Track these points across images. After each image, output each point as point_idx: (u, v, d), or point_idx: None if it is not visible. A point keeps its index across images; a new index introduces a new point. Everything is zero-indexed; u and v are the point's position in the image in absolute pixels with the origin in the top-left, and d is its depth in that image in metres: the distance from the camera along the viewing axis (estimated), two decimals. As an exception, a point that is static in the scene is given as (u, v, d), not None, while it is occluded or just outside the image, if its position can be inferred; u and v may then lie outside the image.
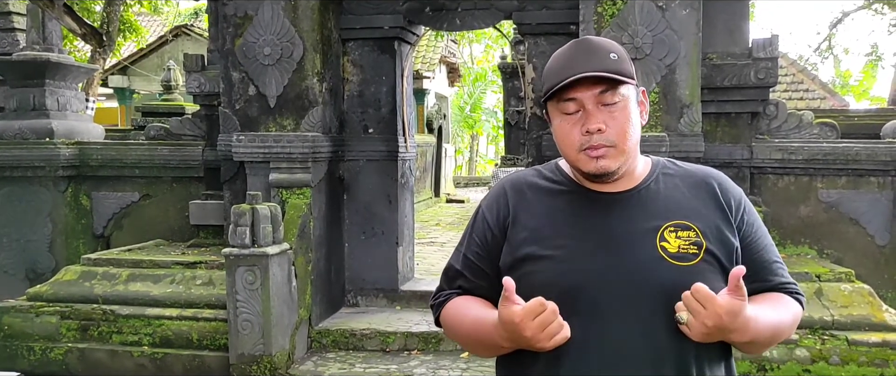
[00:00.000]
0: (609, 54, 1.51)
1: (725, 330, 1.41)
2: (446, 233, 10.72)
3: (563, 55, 1.56)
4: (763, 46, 5.21)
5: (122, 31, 15.84)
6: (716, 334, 1.41)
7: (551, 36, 5.33)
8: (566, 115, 1.54)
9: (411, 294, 5.91)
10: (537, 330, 1.39)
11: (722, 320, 1.38)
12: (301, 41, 5.17)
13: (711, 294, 1.37)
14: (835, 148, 5.36)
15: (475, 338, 1.60)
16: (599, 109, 1.51)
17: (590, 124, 1.50)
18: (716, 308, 1.37)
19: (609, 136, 1.50)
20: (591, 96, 1.50)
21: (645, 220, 1.54)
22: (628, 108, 1.53)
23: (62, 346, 5.11)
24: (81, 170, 6.46)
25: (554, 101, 1.55)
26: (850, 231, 5.44)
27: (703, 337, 1.42)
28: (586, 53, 1.52)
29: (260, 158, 5.25)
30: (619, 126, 1.51)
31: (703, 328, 1.39)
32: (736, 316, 1.39)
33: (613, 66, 1.50)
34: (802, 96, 14.68)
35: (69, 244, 6.49)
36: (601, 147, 1.50)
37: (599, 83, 1.50)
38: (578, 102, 1.51)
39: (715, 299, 1.37)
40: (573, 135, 1.53)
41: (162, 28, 22.27)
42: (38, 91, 6.72)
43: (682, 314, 1.41)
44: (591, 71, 1.48)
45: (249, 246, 4.63)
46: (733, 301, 1.37)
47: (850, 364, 4.34)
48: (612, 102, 1.51)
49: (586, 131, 1.51)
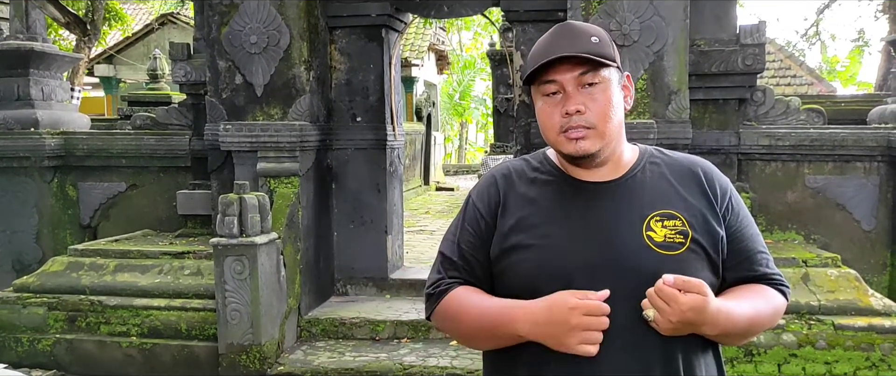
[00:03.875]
0: (590, 37, 1.51)
1: (693, 324, 1.42)
2: (436, 221, 10.72)
3: (544, 39, 1.57)
4: (750, 32, 5.21)
5: (108, 19, 15.71)
6: (684, 329, 1.43)
7: (539, 23, 5.31)
8: (547, 97, 1.54)
9: (401, 282, 5.91)
10: (581, 325, 1.40)
11: (686, 316, 1.39)
12: (288, 29, 5.13)
13: (675, 293, 1.38)
14: (822, 134, 5.39)
15: (481, 326, 1.56)
16: (579, 91, 1.51)
17: (569, 105, 1.50)
18: (679, 305, 1.38)
19: (589, 118, 1.50)
20: (571, 78, 1.51)
21: (631, 210, 1.54)
22: (609, 91, 1.53)
23: (50, 337, 5.09)
24: (67, 161, 6.41)
25: (536, 84, 1.56)
26: (837, 216, 5.48)
27: (671, 332, 1.43)
28: (567, 36, 1.52)
29: (247, 147, 5.22)
30: (599, 108, 1.51)
31: (668, 324, 1.41)
32: (701, 312, 1.40)
33: (594, 48, 1.50)
34: (790, 82, 14.74)
35: (56, 235, 6.45)
36: (580, 128, 1.50)
37: (579, 65, 1.50)
38: (558, 84, 1.52)
39: (678, 296, 1.38)
40: (554, 117, 1.53)
41: (148, 16, 22.10)
42: (23, 81, 6.65)
43: (647, 311, 1.42)
44: (571, 52, 1.49)
45: (238, 235, 4.61)
46: (696, 297, 1.39)
47: (837, 348, 4.38)
48: (592, 83, 1.51)
49: (566, 113, 1.51)
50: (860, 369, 4.37)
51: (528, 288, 1.51)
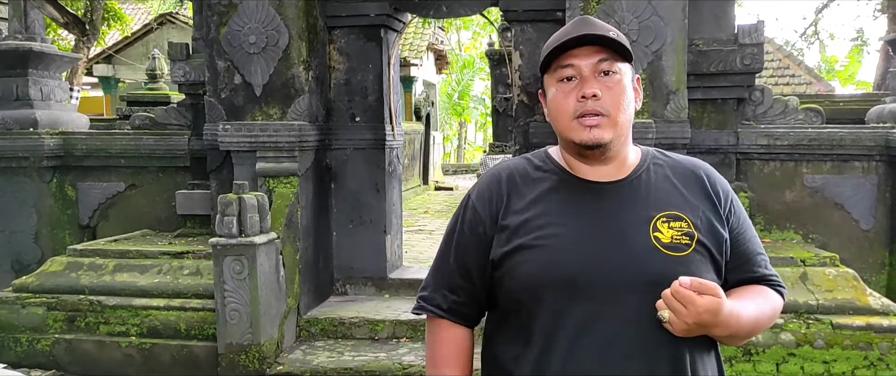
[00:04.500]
0: (609, 30, 1.53)
1: (707, 326, 1.42)
2: (435, 220, 10.72)
3: (562, 29, 1.58)
4: (749, 32, 5.22)
5: (107, 19, 15.70)
6: (697, 330, 1.43)
7: (538, 23, 5.31)
8: (561, 83, 1.54)
9: (400, 282, 5.91)
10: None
11: (702, 318, 1.40)
12: (286, 29, 5.14)
13: (692, 295, 1.38)
14: (820, 133, 5.39)
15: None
16: (596, 78, 1.51)
17: (585, 89, 1.50)
18: (696, 307, 1.39)
19: (604, 104, 1.50)
20: (590, 64, 1.51)
21: (637, 210, 1.53)
22: (624, 84, 1.54)
23: (49, 337, 5.09)
24: (66, 161, 6.41)
25: (551, 71, 1.56)
26: (835, 216, 5.49)
27: (684, 334, 1.43)
28: (586, 25, 1.54)
29: (246, 147, 5.22)
30: (614, 97, 1.51)
31: (683, 325, 1.41)
32: (716, 315, 1.41)
33: (614, 37, 1.52)
34: (788, 82, 14.75)
35: (55, 235, 6.44)
36: (596, 114, 1.50)
37: (599, 51, 1.51)
38: (576, 68, 1.52)
39: (695, 299, 1.38)
40: (568, 102, 1.53)
41: (147, 16, 22.08)
42: (21, 81, 6.64)
43: (663, 313, 1.42)
44: (594, 32, 1.50)
45: (237, 235, 4.61)
46: (712, 299, 1.39)
47: (835, 347, 4.39)
48: (610, 71, 1.52)
49: (582, 97, 1.50)
50: (858, 368, 4.38)
51: (530, 290, 1.51)
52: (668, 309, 1.41)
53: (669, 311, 1.41)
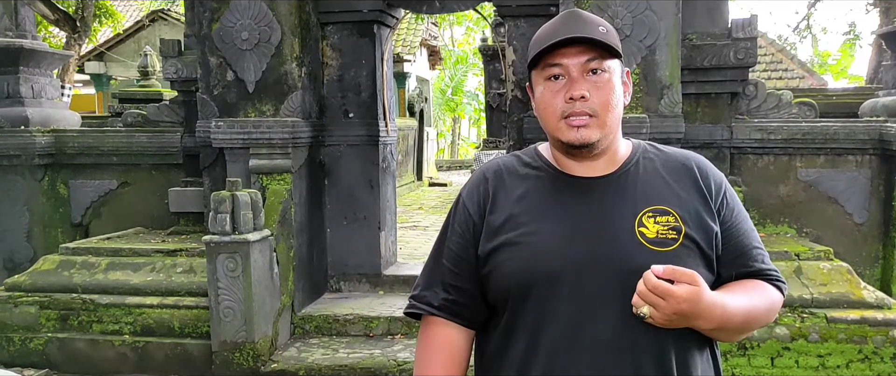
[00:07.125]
0: (598, 27, 1.50)
1: (687, 316, 1.40)
2: (429, 216, 10.72)
3: (551, 23, 1.54)
4: (742, 26, 5.22)
5: (98, 16, 15.61)
6: (679, 321, 1.40)
7: (531, 18, 5.30)
8: (549, 82, 1.51)
9: (394, 278, 5.90)
10: None
11: (681, 307, 1.37)
12: (279, 25, 5.11)
13: (669, 287, 1.36)
14: (813, 127, 5.40)
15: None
16: (584, 78, 1.49)
17: (573, 90, 1.48)
18: (675, 298, 1.36)
19: (592, 105, 1.48)
20: (577, 64, 1.49)
21: (623, 206, 1.51)
22: (613, 82, 1.51)
23: (42, 336, 5.07)
24: (58, 159, 6.37)
25: (538, 69, 1.53)
26: (829, 209, 5.50)
27: (666, 325, 1.41)
28: (576, 22, 1.50)
29: (239, 144, 5.20)
30: (602, 97, 1.49)
31: (663, 317, 1.39)
32: (696, 303, 1.38)
33: (602, 37, 1.48)
34: (781, 76, 14.76)
35: (47, 233, 6.41)
36: (583, 114, 1.48)
37: (587, 51, 1.48)
38: (563, 68, 1.49)
39: (673, 290, 1.36)
40: (556, 102, 1.50)
41: (138, 13, 21.98)
42: (12, 78, 6.59)
43: (643, 309, 1.39)
44: (581, 34, 1.47)
45: (230, 233, 4.59)
46: (690, 288, 1.37)
47: (830, 341, 4.40)
48: (598, 70, 1.49)
49: (570, 98, 1.48)
50: (853, 361, 4.39)
51: (515, 287, 1.49)
52: (647, 304, 1.38)
53: (648, 307, 1.38)
